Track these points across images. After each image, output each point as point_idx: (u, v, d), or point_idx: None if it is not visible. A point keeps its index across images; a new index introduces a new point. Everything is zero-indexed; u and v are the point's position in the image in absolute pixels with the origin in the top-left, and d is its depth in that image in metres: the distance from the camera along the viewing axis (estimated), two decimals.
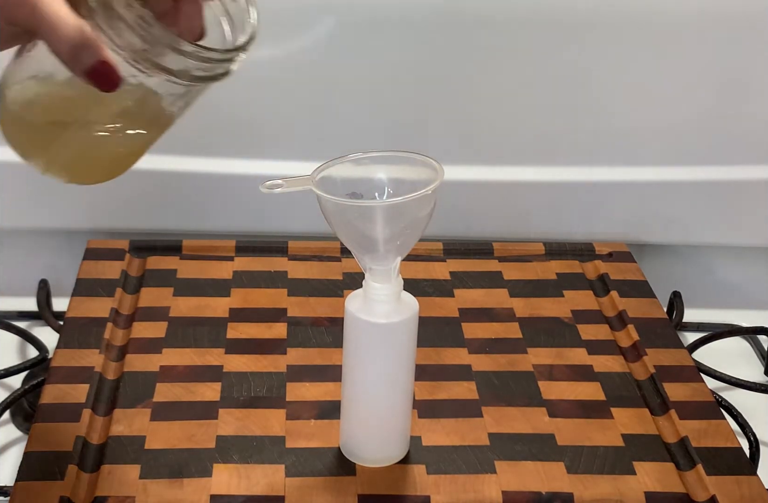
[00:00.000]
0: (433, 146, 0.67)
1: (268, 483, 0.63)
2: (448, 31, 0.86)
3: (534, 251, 0.90)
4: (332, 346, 0.76)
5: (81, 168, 0.56)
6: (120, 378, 0.72)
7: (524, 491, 0.63)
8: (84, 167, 0.56)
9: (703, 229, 0.96)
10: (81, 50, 0.47)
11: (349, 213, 0.56)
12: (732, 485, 0.64)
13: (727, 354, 0.87)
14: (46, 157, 0.55)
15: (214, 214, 0.94)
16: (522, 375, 0.74)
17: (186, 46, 0.48)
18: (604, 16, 0.86)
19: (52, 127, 0.53)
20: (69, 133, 0.53)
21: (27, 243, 0.94)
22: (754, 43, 0.87)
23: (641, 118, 0.90)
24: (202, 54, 0.48)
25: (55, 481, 0.62)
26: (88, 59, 0.47)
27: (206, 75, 0.49)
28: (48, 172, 0.55)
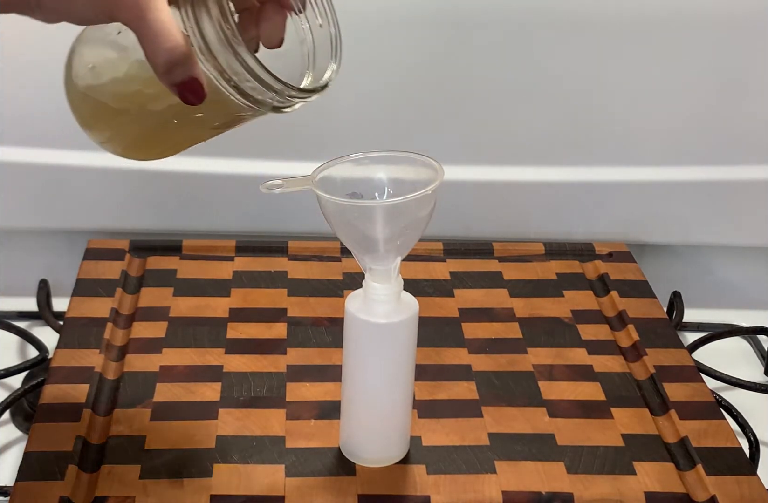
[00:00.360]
0: (433, 146, 0.67)
1: (268, 483, 0.63)
2: (448, 31, 0.86)
3: (534, 251, 0.90)
4: (332, 346, 0.76)
5: (136, 148, 0.58)
6: (120, 378, 0.72)
7: (524, 491, 0.63)
8: (139, 148, 0.58)
9: (703, 229, 0.96)
10: (176, 65, 0.48)
11: (349, 213, 0.56)
12: (732, 485, 0.64)
13: (727, 354, 0.87)
14: (105, 133, 0.57)
15: (214, 214, 0.94)
16: (522, 375, 0.74)
17: (276, 84, 0.50)
18: (604, 17, 0.86)
19: (118, 110, 0.55)
20: (133, 119, 0.55)
21: (27, 243, 0.94)
22: (754, 43, 0.87)
23: (641, 118, 0.90)
24: (286, 92, 0.51)
25: (55, 481, 0.62)
26: (181, 75, 0.48)
27: (279, 106, 0.52)
28: (104, 145, 0.57)
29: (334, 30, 0.55)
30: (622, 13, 0.86)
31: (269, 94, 0.50)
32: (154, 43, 0.47)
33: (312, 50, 0.56)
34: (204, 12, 0.48)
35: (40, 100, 0.87)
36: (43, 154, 0.89)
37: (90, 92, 0.55)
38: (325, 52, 0.55)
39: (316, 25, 0.55)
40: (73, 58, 0.55)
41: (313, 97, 0.53)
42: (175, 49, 0.47)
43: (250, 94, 0.50)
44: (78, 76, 0.55)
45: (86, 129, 0.57)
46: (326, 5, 0.55)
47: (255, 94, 0.50)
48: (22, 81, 0.86)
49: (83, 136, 0.89)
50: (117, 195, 0.92)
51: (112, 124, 0.56)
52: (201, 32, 0.48)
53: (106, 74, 0.54)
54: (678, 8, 0.85)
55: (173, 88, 0.49)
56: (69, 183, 0.90)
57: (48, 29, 0.84)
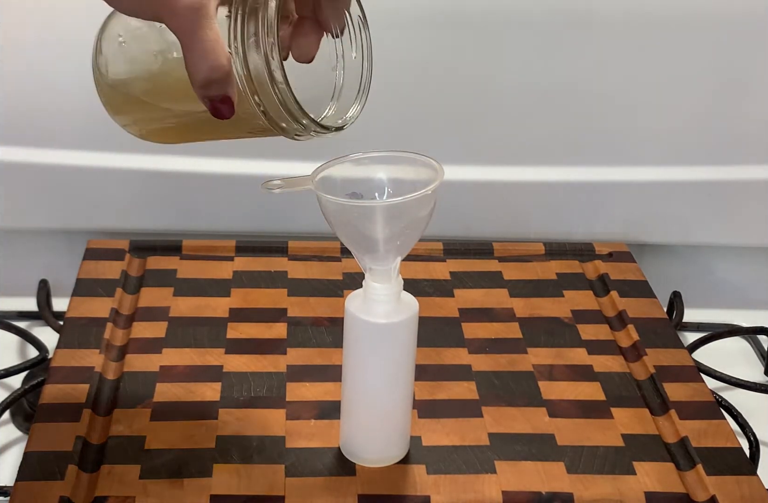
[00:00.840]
0: (433, 146, 0.67)
1: (268, 483, 0.63)
2: (448, 31, 0.86)
3: (534, 251, 0.90)
4: (332, 346, 0.76)
5: (157, 135, 0.59)
6: (120, 378, 0.72)
7: (524, 491, 0.63)
8: (160, 136, 0.59)
9: (703, 229, 0.96)
10: (214, 82, 0.49)
11: (349, 213, 0.56)
12: (732, 485, 0.64)
13: (727, 354, 0.87)
14: (129, 119, 0.58)
15: (214, 214, 0.94)
16: (522, 375, 0.74)
17: (304, 119, 0.51)
18: (603, 17, 0.86)
19: (146, 102, 0.55)
20: (158, 112, 0.56)
21: (27, 243, 0.94)
22: (754, 43, 0.87)
23: (641, 118, 0.90)
24: (311, 128, 0.53)
25: (55, 481, 0.62)
26: (216, 91, 0.49)
27: (299, 134, 0.54)
28: (127, 128, 0.59)
29: (367, 66, 0.56)
30: (622, 13, 0.86)
31: (294, 125, 0.52)
32: (197, 58, 0.48)
33: (341, 81, 0.57)
34: (253, 42, 0.49)
35: (40, 100, 0.87)
36: (43, 154, 0.89)
37: (119, 81, 0.56)
38: (352, 86, 0.56)
39: (350, 56, 0.56)
40: (104, 42, 0.56)
41: (331, 134, 0.55)
42: (216, 69, 0.48)
43: (276, 120, 0.52)
44: (108, 61, 0.56)
45: (111, 113, 0.58)
46: (364, 40, 0.56)
47: (280, 122, 0.52)
48: (22, 81, 0.86)
49: (83, 136, 0.90)
50: (117, 195, 0.92)
51: (137, 112, 0.57)
52: (245, 57, 0.49)
53: (139, 65, 0.54)
54: (678, 8, 0.85)
55: (205, 100, 0.50)
56: (69, 183, 0.90)
57: (48, 29, 0.85)
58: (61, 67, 0.86)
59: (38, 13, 0.84)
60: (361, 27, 0.56)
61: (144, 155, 0.90)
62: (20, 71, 0.86)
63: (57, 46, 0.85)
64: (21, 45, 0.85)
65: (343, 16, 0.55)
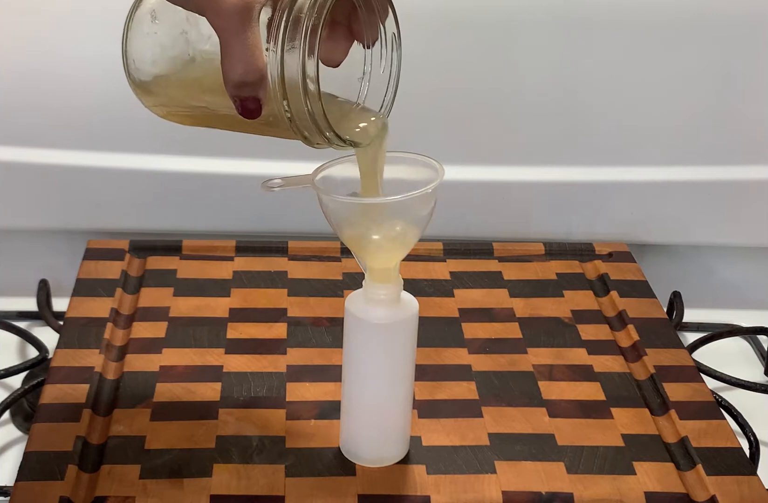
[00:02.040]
0: (433, 146, 0.67)
1: (268, 483, 0.63)
2: (448, 31, 0.86)
3: (534, 251, 0.90)
4: (332, 346, 0.76)
5: (180, 117, 0.59)
6: (120, 378, 0.72)
7: (524, 491, 0.63)
8: (181, 119, 0.59)
9: (703, 229, 0.96)
10: (248, 85, 0.49)
11: (350, 212, 0.56)
12: (732, 485, 0.64)
13: (727, 354, 0.87)
14: (154, 101, 0.58)
15: (214, 214, 0.94)
16: (522, 375, 0.74)
17: (328, 132, 0.52)
18: (604, 16, 0.86)
19: (172, 90, 0.56)
20: (183, 99, 0.56)
21: (27, 243, 0.94)
22: (754, 43, 0.87)
23: (641, 118, 0.90)
24: (333, 141, 0.53)
25: (55, 481, 0.62)
26: (247, 92, 0.50)
27: (319, 143, 0.54)
28: (149, 108, 0.59)
29: (392, 84, 0.56)
30: (622, 13, 0.86)
31: (317, 136, 0.52)
32: (235, 59, 0.49)
33: (365, 92, 0.57)
34: (292, 50, 0.49)
35: (40, 100, 0.87)
36: (43, 154, 0.89)
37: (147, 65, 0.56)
38: (376, 99, 0.56)
39: (377, 69, 0.56)
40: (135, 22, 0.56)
41: (350, 149, 0.55)
42: (252, 73, 0.49)
43: (300, 129, 0.52)
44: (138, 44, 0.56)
45: (138, 94, 0.58)
46: (394, 58, 0.56)
47: (304, 130, 0.52)
48: (22, 81, 0.86)
49: (83, 136, 0.90)
50: (117, 195, 0.92)
51: (162, 95, 0.57)
52: (281, 64, 0.50)
53: (169, 52, 0.55)
54: (678, 8, 0.85)
55: (235, 99, 0.50)
56: (69, 183, 0.90)
57: (48, 29, 0.85)
58: (61, 67, 0.86)
59: (38, 13, 0.84)
60: (393, 45, 0.56)
61: (144, 155, 0.90)
62: (20, 71, 0.86)
63: (57, 46, 0.85)
64: (21, 45, 0.85)
65: (378, 29, 0.55)
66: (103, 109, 0.87)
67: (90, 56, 0.85)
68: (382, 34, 0.55)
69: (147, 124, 0.87)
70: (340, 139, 0.53)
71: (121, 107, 0.87)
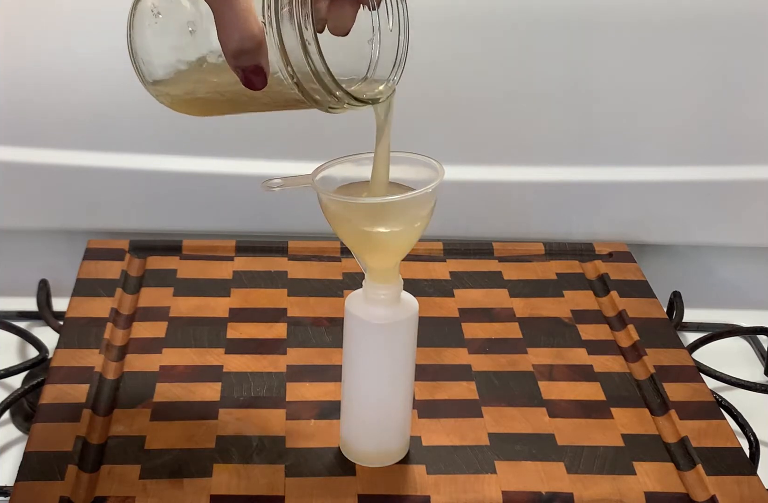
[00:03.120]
0: (433, 146, 0.67)
1: (268, 483, 0.63)
2: (448, 30, 0.86)
3: (534, 251, 0.90)
4: (332, 346, 0.76)
5: (188, 105, 0.59)
6: (120, 378, 0.72)
7: (524, 491, 0.63)
8: (187, 107, 0.59)
9: (703, 229, 0.96)
10: (246, 52, 0.49)
11: (349, 211, 0.56)
12: (732, 485, 0.64)
13: (727, 354, 0.87)
14: (161, 89, 0.57)
15: (214, 214, 0.94)
16: (522, 375, 0.74)
17: (337, 91, 0.51)
18: (604, 16, 0.86)
19: (178, 74, 0.55)
20: (190, 83, 0.55)
21: (27, 243, 0.94)
22: (753, 43, 0.87)
23: (641, 118, 0.90)
24: (345, 100, 0.52)
25: (55, 481, 0.62)
26: (248, 61, 0.49)
27: (333, 107, 0.53)
28: (157, 98, 0.58)
29: (403, 39, 0.56)
30: (622, 13, 0.86)
31: (328, 97, 0.51)
32: (230, 27, 0.48)
33: (377, 54, 0.56)
34: (287, 12, 0.49)
35: (40, 100, 0.87)
36: (43, 154, 0.89)
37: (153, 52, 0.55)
38: (388, 60, 0.56)
39: (387, 29, 0.56)
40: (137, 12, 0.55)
41: (365, 107, 0.54)
42: (249, 39, 0.48)
43: (309, 92, 0.51)
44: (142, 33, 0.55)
45: (145, 83, 0.58)
46: (401, 12, 0.55)
47: (314, 94, 0.51)
48: (21, 81, 0.86)
49: (83, 136, 0.90)
50: (117, 195, 0.92)
51: (169, 83, 0.56)
52: (278, 28, 0.49)
53: (172, 36, 0.54)
54: (678, 8, 0.85)
55: (237, 70, 0.50)
56: (69, 183, 0.90)
57: (47, 30, 0.85)
58: (61, 67, 0.86)
59: (38, 13, 0.84)
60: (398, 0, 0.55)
61: (144, 155, 0.90)
62: (20, 71, 0.86)
63: (58, 46, 0.85)
64: (21, 45, 0.85)
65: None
66: (103, 109, 0.87)
67: (90, 56, 0.85)
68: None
69: (147, 124, 0.88)
70: (351, 96, 0.52)
71: (121, 107, 0.87)
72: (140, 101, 0.84)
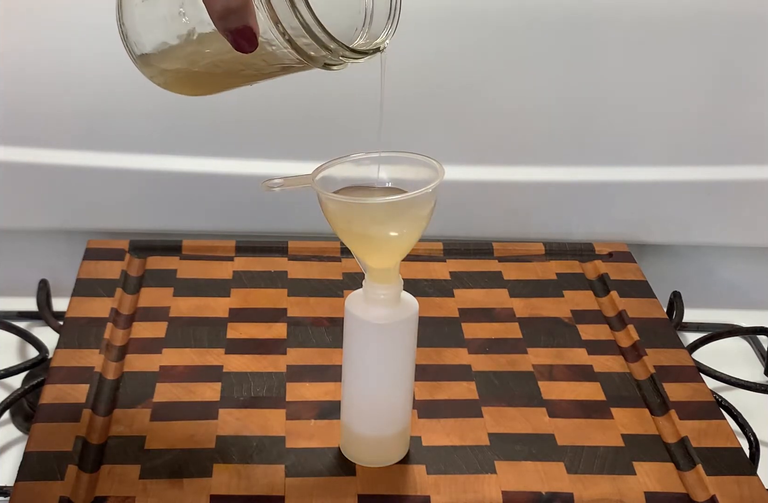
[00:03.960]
0: (433, 146, 0.67)
1: (268, 483, 0.63)
2: (448, 31, 0.86)
3: (534, 251, 0.90)
4: (332, 346, 0.76)
5: (181, 84, 0.58)
6: (120, 378, 0.72)
7: (524, 491, 0.63)
8: (182, 86, 0.58)
9: (703, 229, 0.96)
10: (232, 12, 0.48)
11: (350, 212, 0.56)
12: (732, 485, 0.64)
13: (727, 354, 0.87)
14: (154, 69, 0.57)
15: (214, 214, 0.94)
16: (522, 375, 0.74)
17: (331, 43, 0.50)
18: (604, 16, 0.86)
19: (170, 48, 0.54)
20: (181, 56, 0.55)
21: (27, 243, 0.94)
22: (753, 42, 0.87)
23: (641, 118, 0.90)
24: (339, 52, 0.51)
25: (55, 481, 0.62)
26: (236, 22, 0.48)
27: (330, 63, 0.52)
28: (152, 79, 0.57)
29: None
30: (622, 13, 0.86)
31: (322, 51, 0.50)
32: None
33: (371, 7, 0.55)
34: None
35: (39, 100, 0.87)
36: (43, 154, 0.89)
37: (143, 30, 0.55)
38: (383, 12, 0.55)
39: None
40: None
41: (365, 59, 0.53)
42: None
43: (303, 49, 0.50)
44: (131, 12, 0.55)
45: (139, 64, 0.57)
46: None
47: (308, 50, 0.50)
48: (22, 81, 0.86)
49: (83, 136, 0.90)
50: (117, 195, 0.92)
51: (163, 60, 0.56)
52: None
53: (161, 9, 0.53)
54: (678, 8, 0.85)
55: (227, 33, 0.49)
56: (69, 183, 0.90)
57: (47, 30, 0.85)
58: (61, 67, 0.86)
59: (38, 13, 0.84)
60: None
61: (144, 155, 0.90)
62: (20, 71, 0.86)
63: (57, 46, 0.85)
64: (21, 44, 0.85)
65: None
66: (103, 109, 0.87)
67: (90, 56, 0.85)
68: None
69: (147, 124, 0.88)
70: (348, 48, 0.51)
71: (121, 107, 0.87)
72: (140, 101, 0.85)
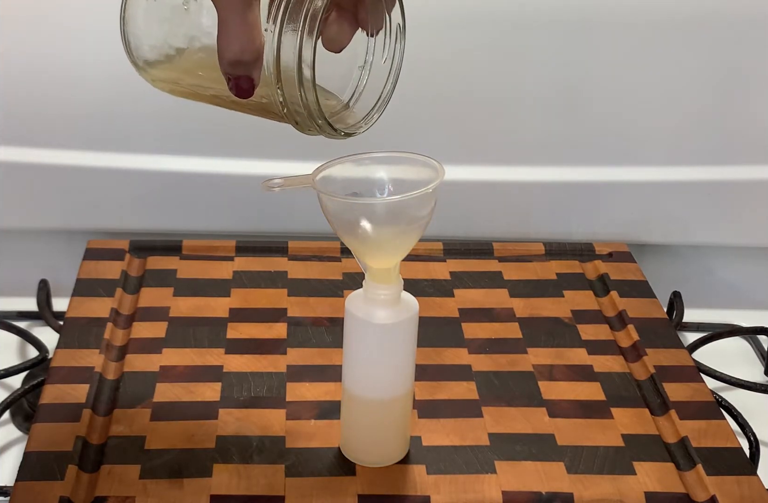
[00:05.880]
0: (433, 146, 0.67)
1: (268, 483, 0.63)
2: (448, 30, 0.86)
3: (534, 251, 0.90)
4: (332, 346, 0.76)
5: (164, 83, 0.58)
6: (120, 378, 0.72)
7: (524, 491, 0.63)
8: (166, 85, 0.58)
9: (703, 229, 0.96)
10: (242, 64, 0.49)
11: (350, 211, 0.56)
12: (732, 485, 0.64)
13: (727, 354, 0.87)
14: (153, 74, 0.57)
15: (214, 214, 0.94)
16: (522, 375, 0.74)
17: (321, 120, 0.51)
18: (604, 16, 0.86)
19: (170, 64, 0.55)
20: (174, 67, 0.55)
21: (27, 243, 0.94)
22: (754, 43, 0.87)
23: (641, 117, 0.90)
24: (325, 129, 0.52)
25: (55, 481, 0.62)
26: (241, 71, 0.49)
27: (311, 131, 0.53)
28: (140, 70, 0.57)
29: (393, 77, 0.56)
30: (622, 13, 0.86)
31: (308, 122, 0.52)
32: (232, 36, 0.48)
33: (364, 82, 0.56)
34: (290, 33, 0.49)
35: (40, 100, 0.87)
36: (43, 154, 0.89)
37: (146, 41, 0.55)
38: (374, 90, 0.56)
39: (379, 59, 0.55)
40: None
41: (341, 138, 0.54)
42: (248, 52, 0.48)
43: (293, 114, 0.52)
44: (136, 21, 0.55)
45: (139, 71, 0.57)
46: (397, 49, 0.55)
47: (296, 116, 0.52)
48: (22, 81, 0.86)
49: (83, 136, 0.90)
50: (117, 195, 0.92)
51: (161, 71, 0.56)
52: (278, 46, 0.49)
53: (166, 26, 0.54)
54: (678, 8, 0.85)
55: (229, 78, 0.50)
56: (69, 183, 0.90)
57: (48, 30, 0.85)
58: (61, 67, 0.86)
59: (38, 13, 0.84)
60: (398, 36, 0.55)
61: (144, 155, 0.90)
62: (20, 71, 0.86)
63: (57, 46, 0.85)
64: (21, 45, 0.85)
65: (383, 18, 0.54)
66: (103, 109, 0.87)
67: (90, 56, 0.85)
68: (387, 23, 0.54)
69: (147, 124, 0.88)
70: (331, 127, 0.52)
71: (122, 107, 0.87)
72: (141, 101, 0.85)
